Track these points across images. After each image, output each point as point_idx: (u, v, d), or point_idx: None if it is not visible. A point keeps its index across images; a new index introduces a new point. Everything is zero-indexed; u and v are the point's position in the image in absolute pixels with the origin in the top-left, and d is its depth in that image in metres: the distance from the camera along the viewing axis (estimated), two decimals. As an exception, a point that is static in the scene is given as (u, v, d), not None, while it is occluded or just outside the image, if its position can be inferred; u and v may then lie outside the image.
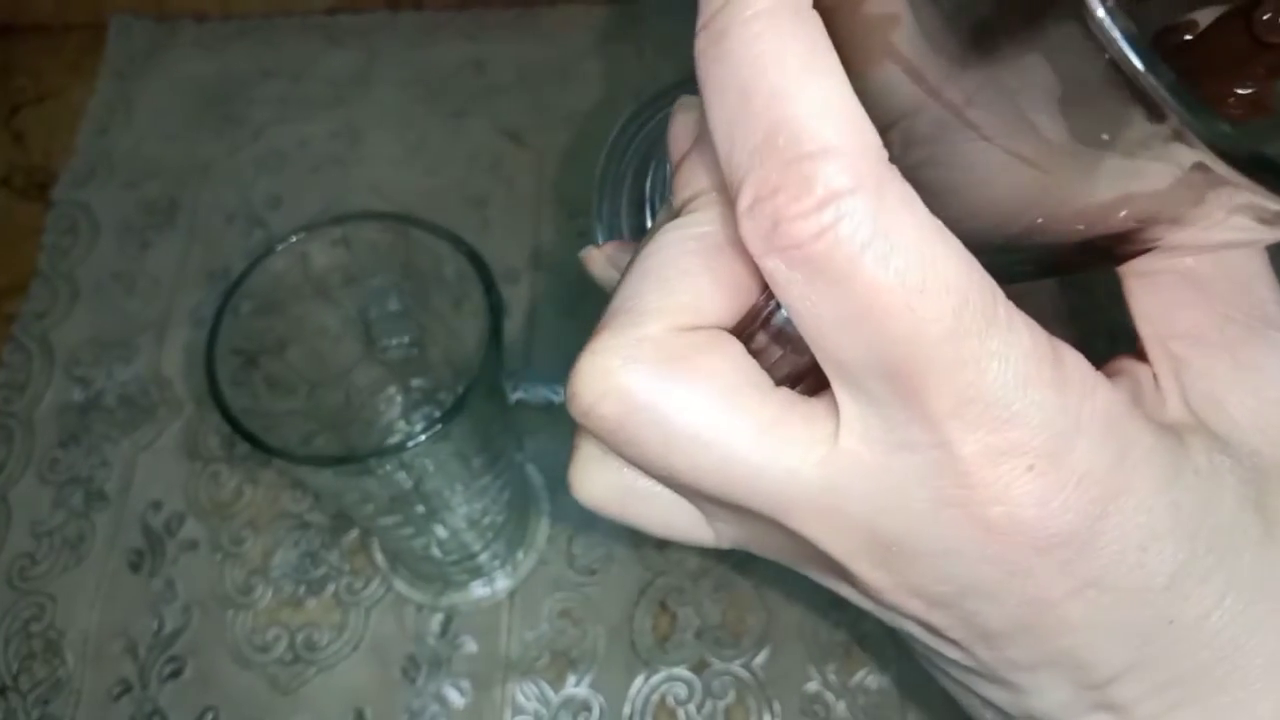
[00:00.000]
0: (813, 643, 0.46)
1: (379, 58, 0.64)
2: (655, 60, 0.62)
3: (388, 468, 0.36)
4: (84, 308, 0.57)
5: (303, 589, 0.49)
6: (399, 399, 0.49)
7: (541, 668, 0.46)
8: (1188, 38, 0.19)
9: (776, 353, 0.19)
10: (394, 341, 0.45)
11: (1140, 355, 0.21)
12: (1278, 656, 0.19)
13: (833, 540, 0.19)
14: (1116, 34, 0.12)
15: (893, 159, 0.16)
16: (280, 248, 0.37)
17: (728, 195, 0.18)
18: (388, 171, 0.60)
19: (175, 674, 0.47)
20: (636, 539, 0.48)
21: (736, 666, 0.46)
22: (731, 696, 0.45)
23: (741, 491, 0.19)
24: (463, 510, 0.44)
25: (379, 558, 0.49)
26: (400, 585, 0.48)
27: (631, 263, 0.20)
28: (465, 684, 0.46)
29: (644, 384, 0.18)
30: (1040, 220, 0.17)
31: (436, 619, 0.48)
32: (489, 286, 0.37)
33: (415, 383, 0.48)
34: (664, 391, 0.18)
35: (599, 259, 0.32)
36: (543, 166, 0.59)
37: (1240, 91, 0.17)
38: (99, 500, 0.51)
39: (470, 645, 0.47)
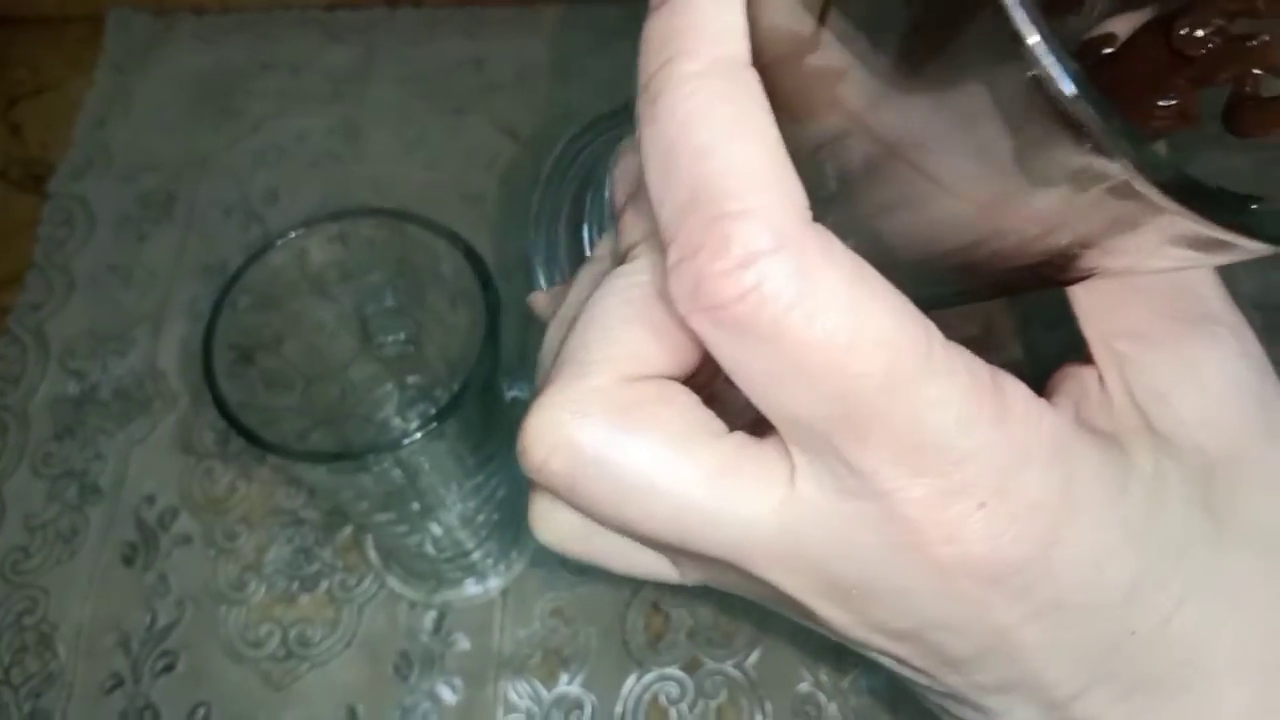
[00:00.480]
0: (805, 643, 0.46)
1: (378, 53, 0.63)
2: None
3: (383, 464, 0.36)
4: (80, 300, 0.57)
5: (296, 585, 0.49)
6: (395, 395, 0.49)
7: (534, 666, 0.46)
8: (1107, 50, 0.19)
9: (741, 396, 0.19)
10: (390, 338, 0.45)
11: (1087, 359, 0.21)
12: (1239, 653, 0.19)
13: (792, 583, 0.19)
14: (1050, 59, 0.12)
15: (832, 207, 0.17)
16: (279, 243, 0.37)
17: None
18: (385, 167, 0.59)
19: (168, 669, 0.47)
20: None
21: (729, 666, 0.46)
22: (724, 696, 0.45)
23: (697, 540, 0.19)
24: (457, 508, 0.44)
25: (372, 554, 0.49)
26: (393, 582, 0.48)
27: (577, 312, 0.20)
28: (458, 681, 0.46)
29: (593, 437, 0.18)
30: (984, 252, 0.17)
31: (429, 616, 0.48)
32: (486, 284, 0.37)
33: (411, 379, 0.48)
34: (613, 443, 0.18)
35: (545, 303, 0.31)
36: (540, 164, 0.59)
37: (1164, 104, 0.17)
38: (93, 494, 0.51)
39: (463, 643, 0.47)
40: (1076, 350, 0.20)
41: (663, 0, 0.18)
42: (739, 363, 0.17)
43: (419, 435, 0.33)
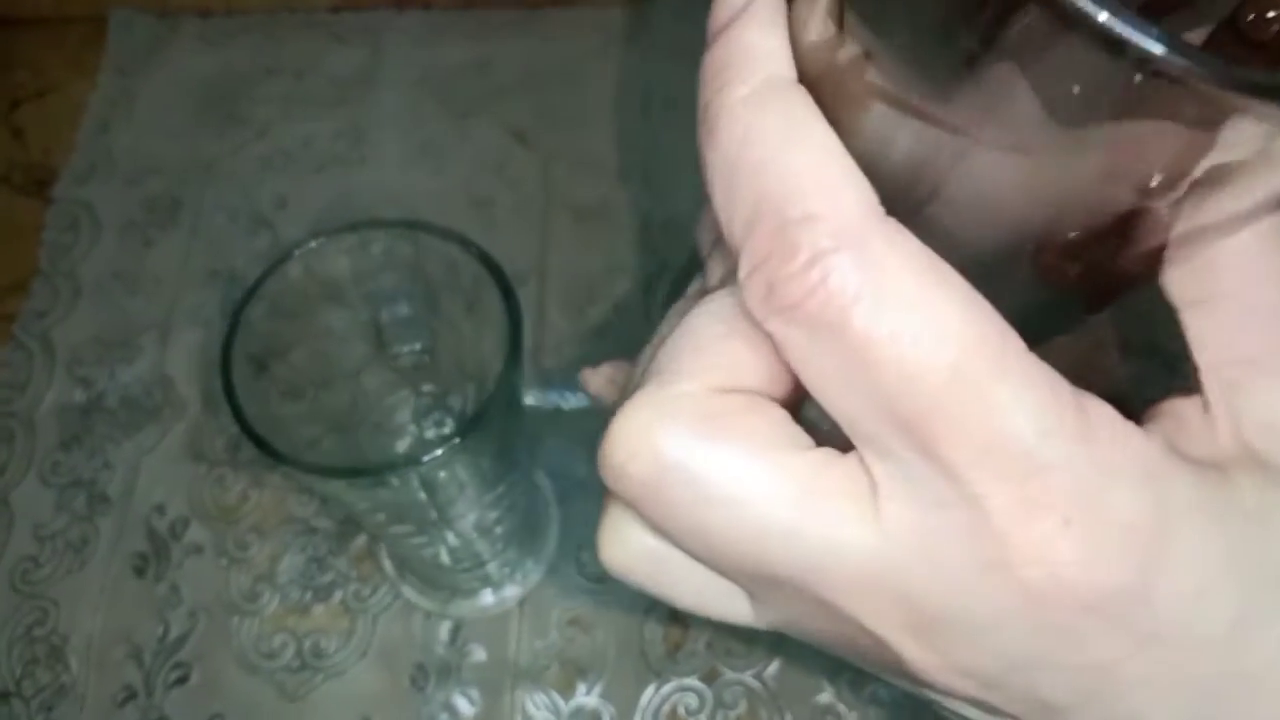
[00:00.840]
0: (826, 653, 0.45)
1: (384, 57, 0.63)
2: (663, 63, 0.61)
3: (402, 479, 0.35)
4: (86, 307, 0.56)
5: (309, 595, 0.48)
6: (410, 403, 0.48)
7: (551, 677, 0.46)
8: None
9: (827, 419, 0.18)
10: (405, 347, 0.45)
11: (1189, 392, 0.20)
12: None
13: (874, 615, 0.18)
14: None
15: (901, 203, 0.17)
16: (296, 253, 0.37)
17: None
18: (393, 172, 0.59)
19: (181, 680, 0.47)
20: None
21: (748, 677, 0.46)
22: (743, 707, 0.45)
23: (777, 557, 0.18)
24: (473, 518, 0.44)
25: (387, 564, 0.49)
26: (408, 592, 0.48)
27: (664, 337, 0.20)
28: (474, 693, 0.46)
29: (678, 441, 0.18)
30: (1058, 219, 0.16)
31: (445, 627, 0.47)
32: (508, 293, 0.37)
33: (426, 388, 0.47)
34: (698, 449, 0.18)
35: (597, 379, 0.31)
36: (549, 168, 0.59)
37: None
38: (102, 503, 0.51)
39: (479, 653, 0.47)
40: (1182, 384, 0.20)
41: (714, 35, 0.18)
42: (812, 365, 0.17)
43: (440, 452, 0.33)
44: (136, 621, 0.48)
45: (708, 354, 0.19)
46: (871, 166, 0.17)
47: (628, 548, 0.21)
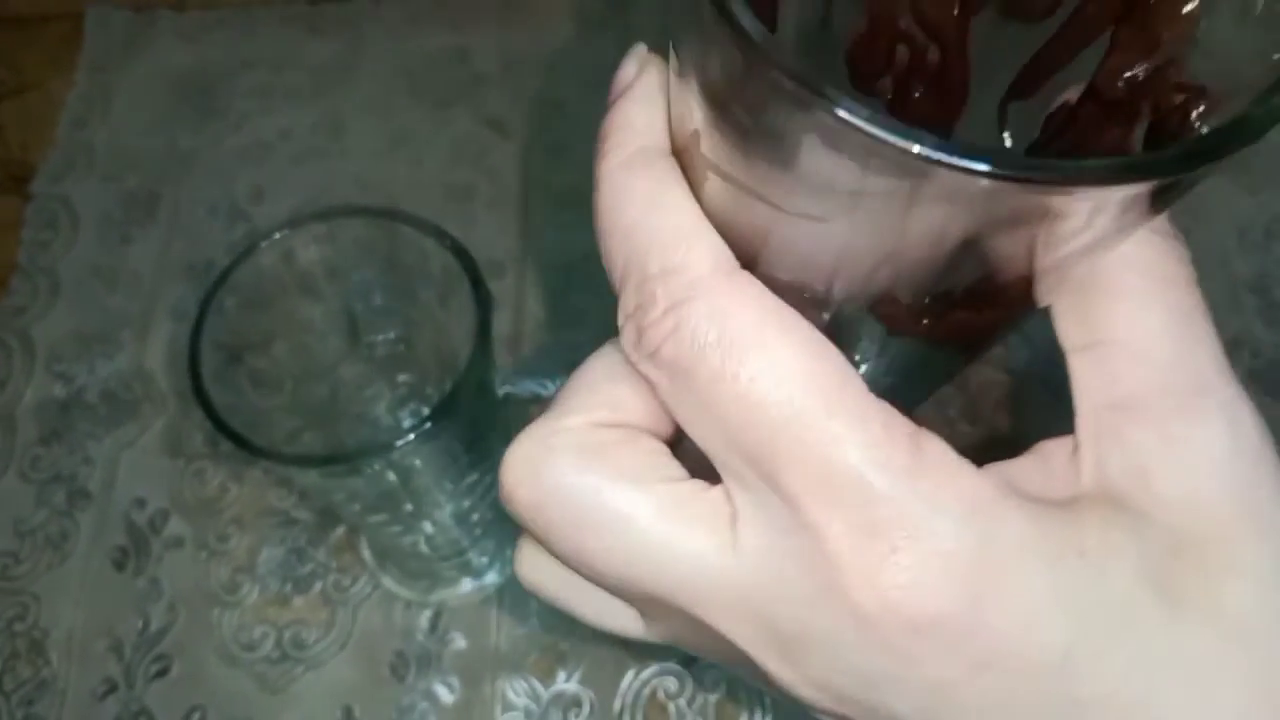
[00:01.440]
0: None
1: (361, 47, 0.63)
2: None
3: (375, 467, 0.35)
4: (65, 302, 0.56)
5: (290, 586, 0.48)
6: (386, 394, 0.48)
7: (531, 663, 0.46)
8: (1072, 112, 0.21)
9: (702, 455, 0.20)
10: (380, 337, 0.45)
11: (1066, 433, 0.21)
12: None
13: (740, 633, 0.19)
14: (848, 115, 0.14)
15: (745, 258, 0.19)
16: (265, 244, 0.37)
17: None
18: (371, 163, 0.59)
19: (161, 673, 0.47)
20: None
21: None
22: (722, 691, 0.45)
23: (650, 579, 0.20)
24: (450, 507, 0.44)
25: (367, 554, 0.49)
26: (388, 582, 0.48)
27: (574, 372, 0.22)
28: (455, 681, 0.46)
29: (557, 471, 0.20)
30: (878, 279, 0.18)
31: (425, 615, 0.47)
32: (477, 282, 0.37)
33: (402, 378, 0.47)
34: (577, 478, 0.20)
35: None
36: (528, 158, 0.59)
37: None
38: (82, 498, 0.51)
39: (459, 642, 0.47)
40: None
41: (608, 106, 0.21)
42: (676, 403, 0.19)
43: (412, 437, 0.33)
44: (117, 615, 0.48)
45: (595, 393, 0.21)
46: (722, 227, 0.19)
47: (536, 567, 0.23)
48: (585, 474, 0.20)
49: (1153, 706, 0.18)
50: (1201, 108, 0.18)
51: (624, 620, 0.23)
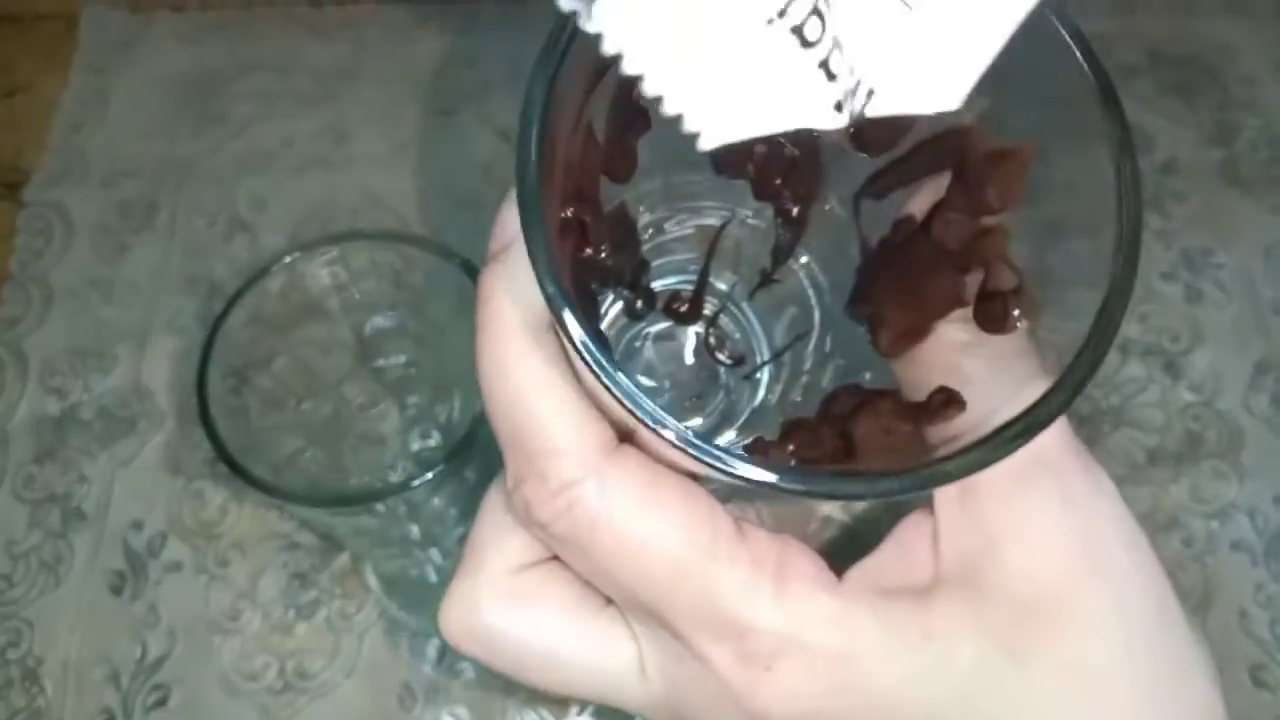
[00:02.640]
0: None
1: (365, 52, 0.61)
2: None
3: (387, 506, 0.34)
4: (59, 314, 0.54)
5: (292, 613, 0.47)
6: (394, 415, 0.47)
7: (543, 695, 0.45)
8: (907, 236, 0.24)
9: None
10: (389, 360, 0.43)
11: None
12: None
13: None
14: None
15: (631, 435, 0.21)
16: (275, 268, 0.35)
17: None
18: (376, 172, 0.57)
19: (160, 703, 0.45)
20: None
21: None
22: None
23: (582, 694, 0.24)
24: (458, 531, 0.43)
25: (372, 581, 0.47)
26: (395, 610, 0.47)
27: (479, 512, 0.24)
28: (463, 713, 0.45)
29: (489, 622, 0.23)
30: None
31: (433, 645, 0.46)
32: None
33: (411, 399, 0.46)
34: (506, 627, 0.23)
35: None
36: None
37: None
38: (77, 519, 0.49)
39: (468, 672, 0.45)
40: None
41: (488, 258, 0.22)
42: (571, 563, 0.22)
43: (429, 476, 0.32)
44: (114, 642, 0.46)
45: (505, 539, 0.23)
46: (601, 405, 0.21)
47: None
48: (513, 621, 0.23)
49: None
50: (1018, 310, 0.21)
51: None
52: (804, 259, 0.28)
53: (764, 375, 0.30)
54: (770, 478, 0.18)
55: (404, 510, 0.35)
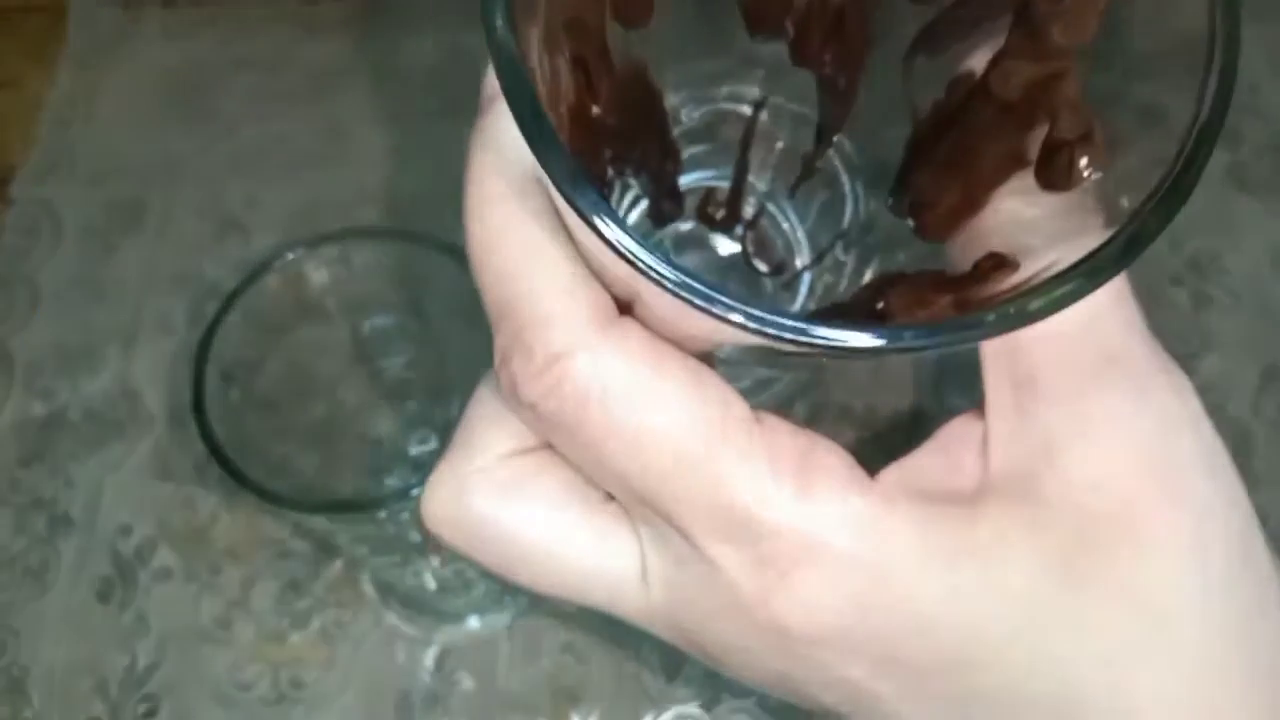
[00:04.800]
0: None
1: (362, 49, 0.60)
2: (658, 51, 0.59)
3: (389, 513, 0.33)
4: (45, 314, 0.53)
5: (286, 622, 0.46)
6: (393, 417, 0.46)
7: (543, 706, 0.44)
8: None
9: None
10: (389, 362, 0.42)
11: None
12: (1114, 717, 0.19)
13: (664, 636, 0.21)
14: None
15: (632, 304, 0.18)
16: (274, 265, 0.34)
17: None
18: (372, 171, 0.56)
19: (150, 714, 0.44)
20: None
21: (752, 704, 0.43)
22: (746, 737, 0.43)
23: (577, 598, 0.21)
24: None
25: (368, 589, 0.46)
26: (391, 618, 0.46)
27: (471, 398, 0.22)
28: (462, 724, 0.44)
29: (478, 511, 0.20)
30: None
31: (431, 654, 0.45)
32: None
33: (410, 402, 0.45)
34: (496, 516, 0.20)
35: None
36: (536, 167, 0.56)
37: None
38: (64, 525, 0.48)
39: (467, 682, 0.44)
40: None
41: (481, 107, 0.20)
42: (563, 450, 0.20)
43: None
44: (102, 651, 0.45)
45: (497, 424, 0.21)
46: (596, 269, 0.18)
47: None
48: (502, 513, 0.20)
49: (1065, 696, 0.19)
50: (1085, 159, 0.18)
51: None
52: (835, 139, 0.25)
53: (805, 280, 0.26)
54: (797, 324, 0.15)
55: (406, 516, 0.34)
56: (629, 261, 0.15)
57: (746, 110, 0.25)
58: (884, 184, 0.23)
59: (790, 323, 0.15)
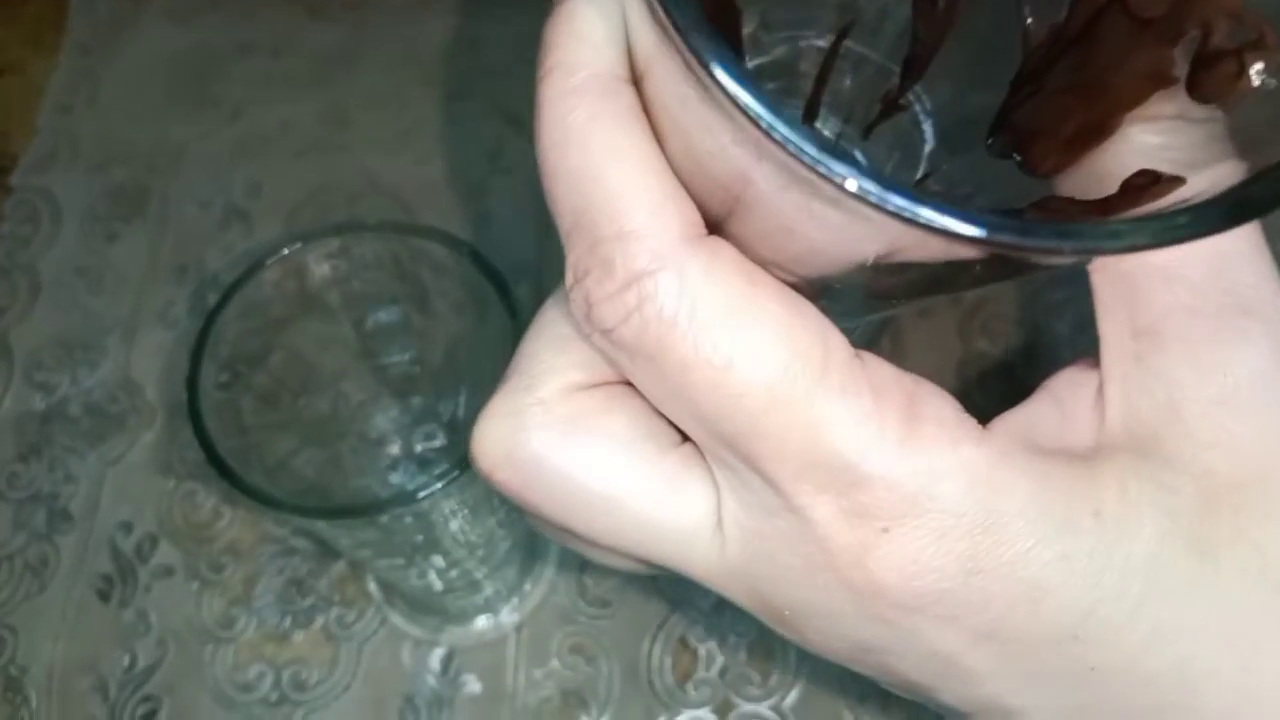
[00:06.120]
0: (848, 681, 0.42)
1: (367, 33, 0.59)
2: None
3: (392, 517, 0.32)
4: (45, 305, 0.52)
5: (289, 621, 0.45)
6: (396, 413, 0.45)
7: (552, 709, 0.43)
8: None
9: None
10: (393, 359, 0.41)
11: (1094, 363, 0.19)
12: (1243, 699, 0.17)
13: (735, 598, 0.19)
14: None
15: (726, 221, 0.17)
16: (273, 259, 0.33)
17: None
18: (378, 158, 0.55)
19: (149, 715, 0.43)
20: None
21: (764, 708, 0.42)
22: (760, 742, 0.42)
23: (640, 552, 0.19)
24: (465, 537, 0.40)
25: (372, 587, 0.45)
26: (396, 618, 0.45)
27: (533, 321, 0.20)
28: (468, 727, 0.43)
29: (536, 450, 0.18)
30: (884, 253, 0.16)
31: (437, 655, 0.44)
32: (505, 291, 0.34)
33: (414, 398, 0.44)
34: (557, 457, 0.18)
35: None
36: (546, 155, 0.55)
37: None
38: (63, 520, 0.47)
39: (474, 685, 0.43)
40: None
41: (555, 5, 0.17)
42: (639, 382, 0.18)
43: (439, 486, 0.30)
44: (101, 650, 0.44)
45: (564, 353, 0.19)
46: (687, 177, 0.17)
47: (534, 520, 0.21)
48: (565, 452, 0.19)
49: (1187, 674, 0.17)
50: (1259, 65, 0.16)
51: (630, 562, 0.21)
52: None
53: None
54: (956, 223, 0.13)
55: (410, 520, 0.33)
56: (755, 123, 0.13)
57: (821, 44, 0.23)
58: (966, 137, 0.21)
59: (934, 204, 0.13)
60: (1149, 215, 0.14)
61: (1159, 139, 0.17)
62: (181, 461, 0.48)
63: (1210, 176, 0.15)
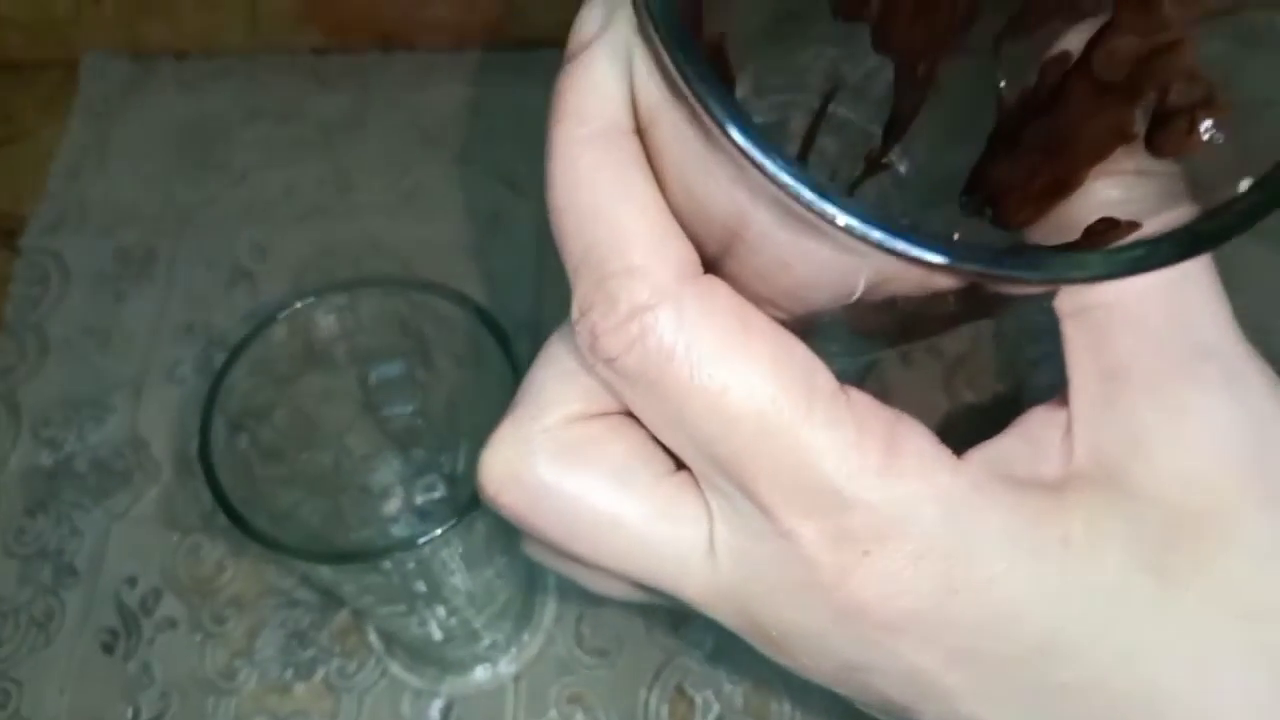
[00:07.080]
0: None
1: (370, 100, 0.61)
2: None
3: (394, 563, 0.33)
4: (54, 363, 0.53)
5: (290, 673, 0.45)
6: (398, 465, 0.46)
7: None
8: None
9: None
10: (395, 411, 0.42)
11: (1062, 403, 0.20)
12: (1201, 718, 0.18)
13: (726, 620, 0.20)
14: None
15: (722, 260, 0.18)
16: (281, 315, 0.34)
17: None
18: (380, 221, 0.57)
19: (152, 767, 0.44)
20: (650, 618, 0.45)
21: (760, 757, 0.43)
22: (756, 791, 0.42)
23: (638, 574, 0.20)
24: (465, 586, 0.41)
25: (373, 639, 0.46)
26: (396, 669, 0.45)
27: (538, 355, 0.21)
28: (468, 777, 0.43)
29: (540, 475, 0.20)
30: (869, 286, 0.17)
31: (436, 705, 0.45)
32: (506, 344, 0.35)
33: (416, 451, 0.45)
34: (559, 481, 0.20)
35: None
36: (544, 217, 0.56)
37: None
38: (69, 575, 0.47)
39: (472, 734, 0.44)
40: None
41: (568, 57, 0.19)
42: (639, 410, 0.19)
43: (439, 532, 0.30)
44: (105, 703, 0.45)
45: (568, 384, 0.20)
46: (685, 219, 0.18)
47: (533, 546, 0.22)
48: (568, 477, 0.20)
49: (1151, 693, 0.18)
50: (1209, 122, 0.17)
51: (624, 589, 0.22)
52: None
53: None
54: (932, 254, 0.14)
55: (412, 566, 0.34)
56: (758, 166, 0.14)
57: (809, 107, 0.24)
58: (942, 194, 0.22)
59: (917, 239, 0.14)
60: (1110, 249, 0.15)
61: (1119, 192, 0.18)
62: (186, 516, 0.49)
63: (1164, 220, 0.16)
